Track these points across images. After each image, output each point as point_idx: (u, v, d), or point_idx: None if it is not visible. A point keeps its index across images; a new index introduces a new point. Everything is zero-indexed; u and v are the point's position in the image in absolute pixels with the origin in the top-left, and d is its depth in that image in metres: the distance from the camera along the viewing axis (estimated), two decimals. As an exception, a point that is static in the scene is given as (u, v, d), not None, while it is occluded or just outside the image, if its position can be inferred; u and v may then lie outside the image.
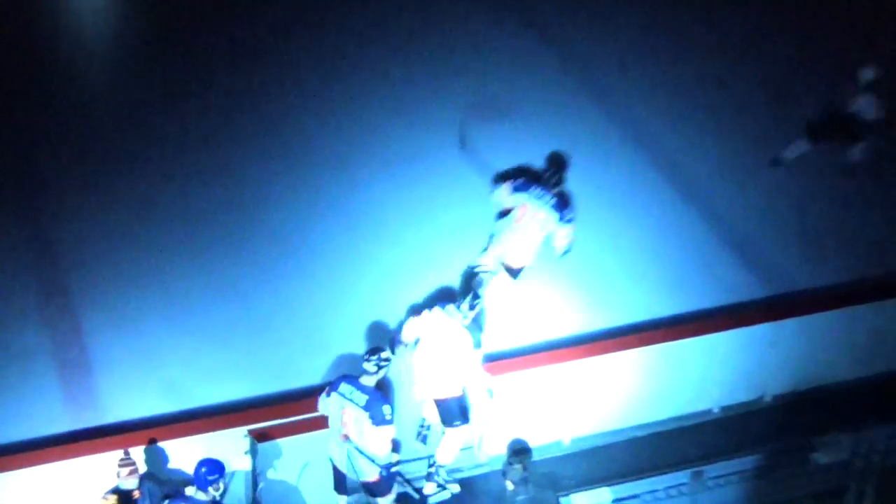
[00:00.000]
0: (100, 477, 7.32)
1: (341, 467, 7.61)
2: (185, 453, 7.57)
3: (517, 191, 8.80)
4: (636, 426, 8.52)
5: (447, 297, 8.19)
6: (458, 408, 7.91)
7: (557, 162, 9.02)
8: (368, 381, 7.46)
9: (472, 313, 7.85)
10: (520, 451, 7.52)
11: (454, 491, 8.03)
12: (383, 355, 7.47)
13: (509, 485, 7.44)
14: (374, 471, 7.52)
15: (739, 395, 8.70)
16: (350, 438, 7.44)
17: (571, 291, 9.08)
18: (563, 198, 8.84)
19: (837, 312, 8.62)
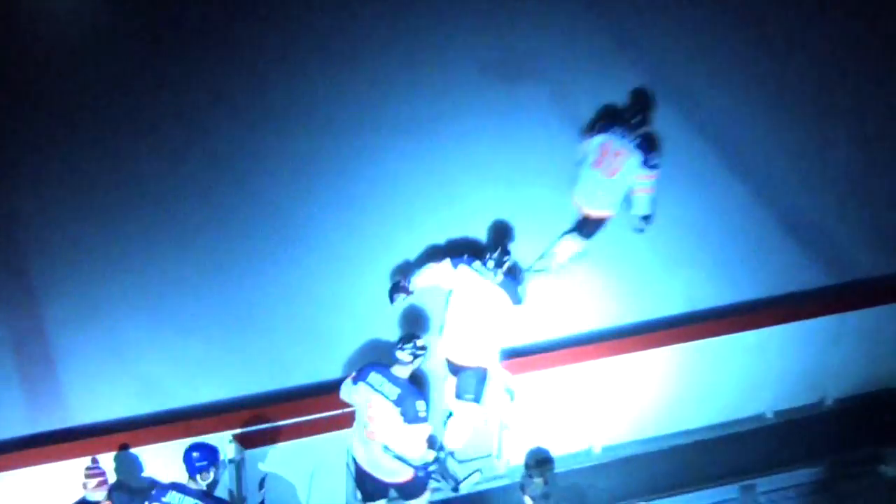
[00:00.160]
0: (63, 487, 7.17)
1: (366, 466, 7.31)
2: (162, 461, 7.29)
3: (599, 132, 8.75)
4: (677, 433, 8.32)
5: (473, 251, 8.03)
6: (477, 381, 7.77)
7: (641, 100, 8.90)
8: (401, 372, 7.20)
9: (501, 270, 7.71)
10: (540, 462, 7.31)
11: (479, 474, 7.95)
12: (419, 343, 7.19)
13: (528, 501, 7.22)
14: (406, 471, 7.26)
15: (796, 397, 8.56)
16: (377, 435, 7.19)
17: (601, 279, 8.94)
18: (649, 139, 8.65)
19: (910, 304, 8.54)
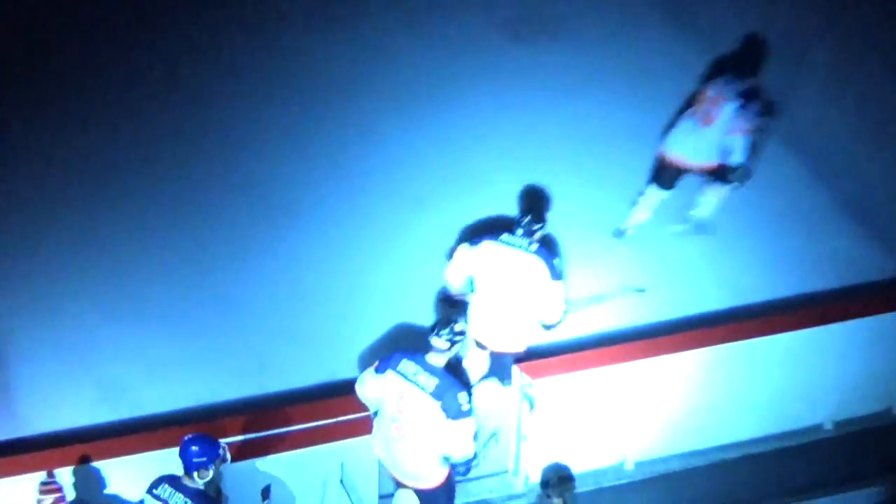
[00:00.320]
0: (16, 505, 6.94)
1: (390, 469, 7.04)
2: (128, 476, 6.95)
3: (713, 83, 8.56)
4: (723, 446, 7.98)
5: (497, 227, 7.80)
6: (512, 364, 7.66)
7: (753, 50, 8.75)
8: (437, 361, 6.86)
9: (533, 239, 7.45)
10: (559, 481, 7.12)
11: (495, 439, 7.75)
12: (457, 328, 6.85)
13: None
14: (436, 476, 6.91)
15: (861, 406, 8.23)
16: (408, 433, 6.85)
17: (635, 269, 8.63)
18: (753, 88, 8.43)
19: None
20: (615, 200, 8.99)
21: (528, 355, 7.72)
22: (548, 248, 7.75)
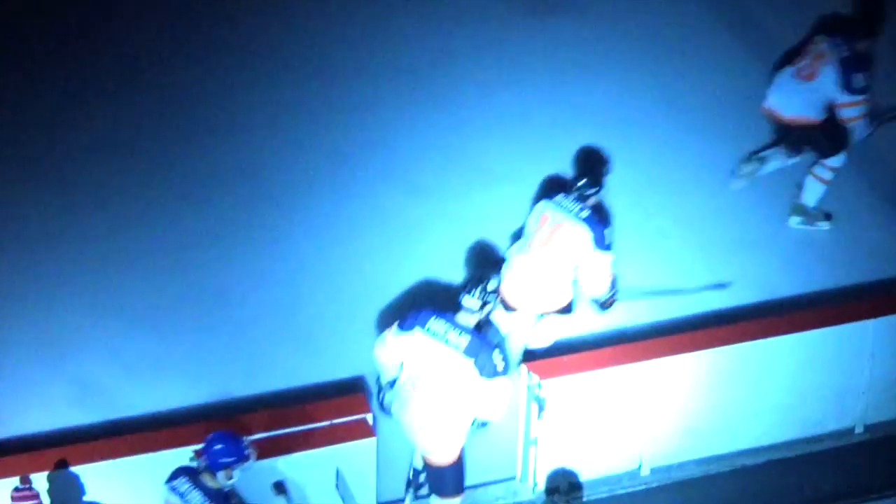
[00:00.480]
0: (-13, 512, 6.69)
1: (408, 435, 7.15)
2: (108, 482, 6.90)
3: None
4: (744, 451, 7.86)
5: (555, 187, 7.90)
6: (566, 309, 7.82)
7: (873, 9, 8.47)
8: (467, 321, 6.92)
9: (586, 205, 7.55)
10: (565, 487, 7.21)
11: None
12: (489, 286, 6.90)
13: None
14: (453, 449, 6.90)
15: (893, 409, 8.07)
16: (432, 395, 6.87)
17: (653, 260, 8.45)
18: (861, 57, 8.23)
19: None
20: (638, 182, 8.80)
21: (537, 355, 7.66)
22: (599, 216, 7.76)
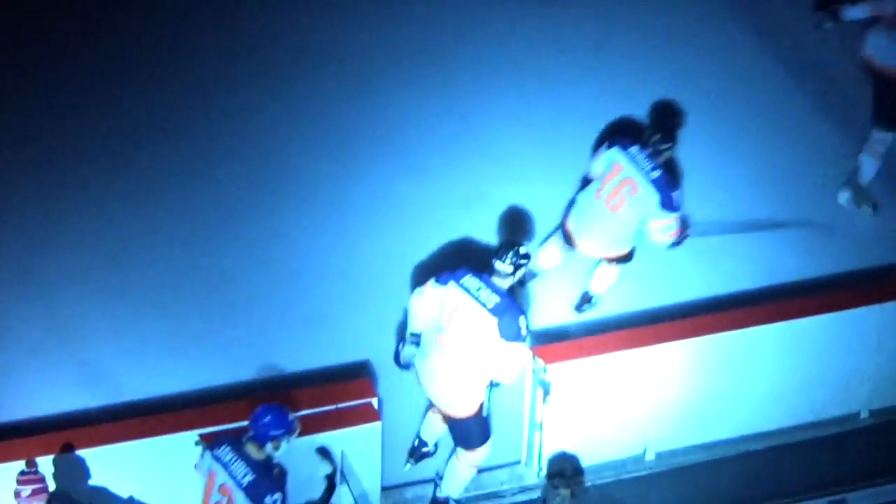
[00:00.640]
0: (-7, 496, 6.79)
1: (430, 393, 7.25)
2: (113, 466, 6.96)
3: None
4: (750, 436, 7.91)
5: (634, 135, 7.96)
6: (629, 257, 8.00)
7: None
8: (501, 284, 7.15)
9: (659, 161, 7.61)
10: (566, 471, 7.19)
11: None
12: (522, 251, 7.10)
13: None
14: (473, 402, 7.05)
15: None
16: (454, 347, 7.03)
17: (660, 245, 8.30)
18: None
19: None
20: None
21: (542, 339, 7.64)
22: (670, 175, 7.83)
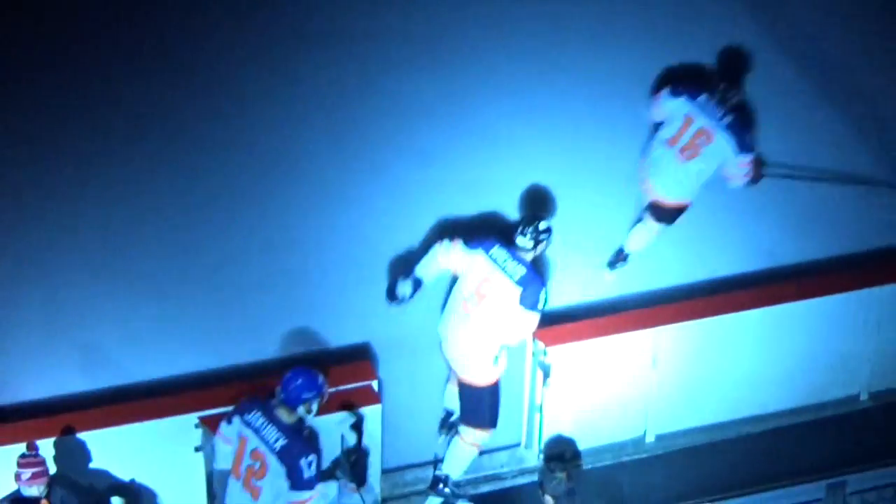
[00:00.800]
0: (-7, 478, 6.83)
1: (450, 356, 7.50)
2: (113, 448, 7.05)
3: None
4: (750, 418, 7.99)
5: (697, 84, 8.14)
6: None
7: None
8: (525, 256, 7.49)
9: (729, 105, 7.87)
10: (563, 454, 7.24)
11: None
12: (542, 226, 7.41)
13: (549, 501, 7.00)
14: (490, 372, 7.36)
15: None
16: (478, 313, 7.33)
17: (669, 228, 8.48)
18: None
19: None
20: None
21: (542, 321, 7.68)
22: (742, 117, 8.03)
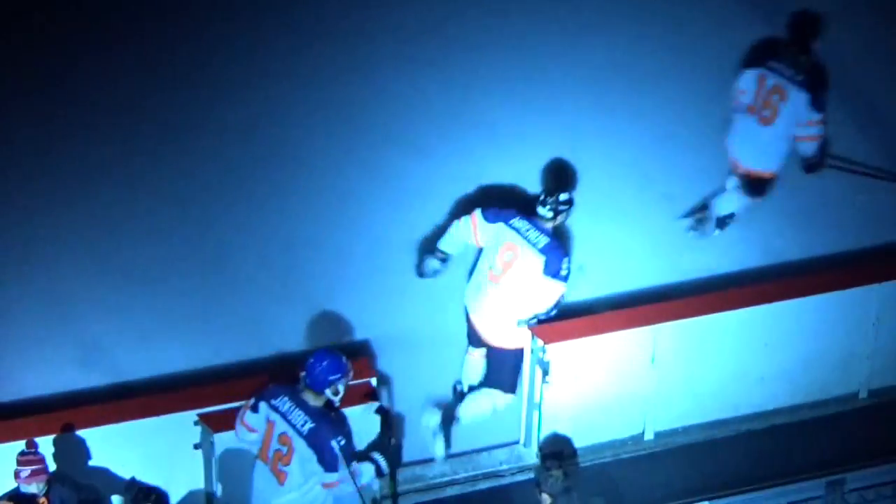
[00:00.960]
0: (-8, 476, 6.74)
1: (477, 323, 7.66)
2: (112, 446, 7.02)
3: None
4: (749, 416, 7.95)
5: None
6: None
7: None
8: (546, 225, 7.66)
9: (806, 65, 8.05)
10: (559, 452, 7.15)
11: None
12: (562, 197, 7.58)
13: (546, 499, 6.92)
14: (516, 336, 7.55)
15: None
16: (503, 282, 7.51)
17: (657, 225, 8.55)
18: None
19: None
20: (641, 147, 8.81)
21: (542, 319, 7.70)
22: (816, 77, 8.12)
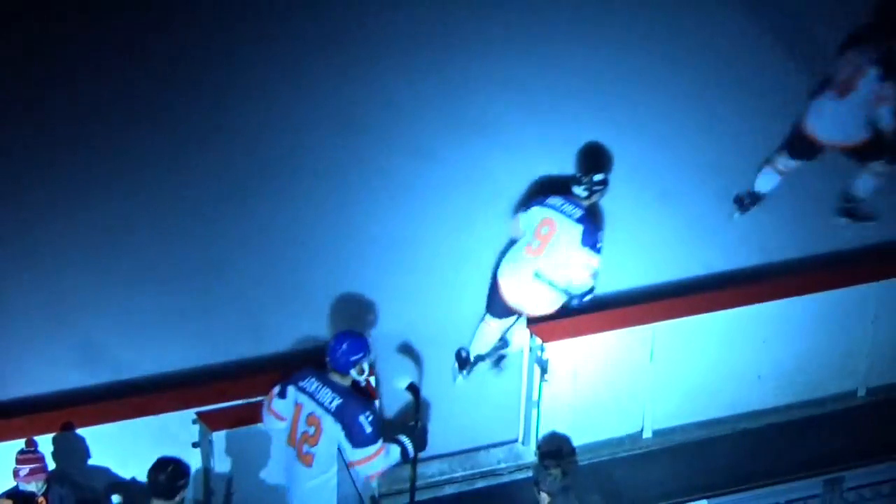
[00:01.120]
0: (-8, 475, 6.76)
1: (511, 294, 7.82)
2: (112, 444, 7.06)
3: None
4: (747, 414, 7.98)
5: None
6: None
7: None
8: (580, 202, 7.91)
9: (883, 48, 8.10)
10: (557, 451, 6.97)
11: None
12: (597, 178, 7.84)
13: (545, 498, 6.82)
14: (550, 306, 7.76)
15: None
16: (543, 254, 7.75)
17: (656, 224, 8.58)
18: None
19: None
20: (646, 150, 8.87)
21: (539, 318, 7.71)
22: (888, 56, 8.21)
